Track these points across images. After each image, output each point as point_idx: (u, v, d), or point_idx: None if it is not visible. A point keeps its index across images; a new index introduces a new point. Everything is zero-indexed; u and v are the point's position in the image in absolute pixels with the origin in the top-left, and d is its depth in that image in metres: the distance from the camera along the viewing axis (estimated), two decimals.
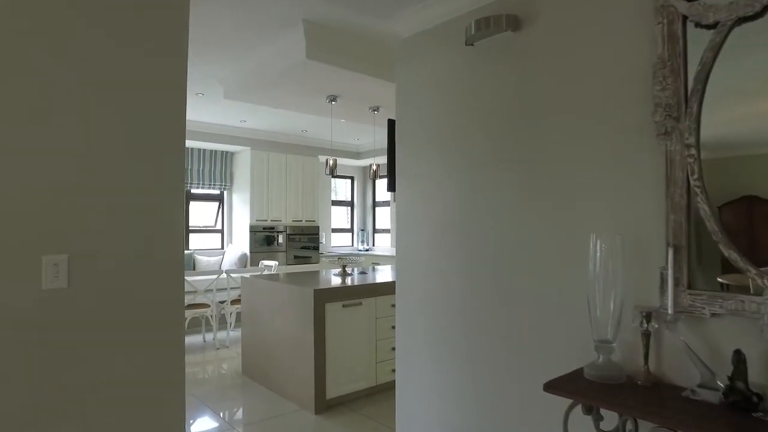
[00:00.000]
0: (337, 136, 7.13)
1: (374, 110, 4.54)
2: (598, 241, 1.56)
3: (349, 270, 4.42)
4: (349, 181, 8.71)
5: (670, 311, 1.43)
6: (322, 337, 3.26)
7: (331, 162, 4.27)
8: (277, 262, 5.88)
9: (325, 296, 3.30)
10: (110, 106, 1.57)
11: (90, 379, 1.52)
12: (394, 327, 3.80)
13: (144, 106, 1.64)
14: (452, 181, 2.17)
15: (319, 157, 7.51)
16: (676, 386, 1.44)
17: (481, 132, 2.06)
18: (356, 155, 7.91)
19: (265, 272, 5.51)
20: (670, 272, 1.43)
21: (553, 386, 1.49)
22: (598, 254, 1.56)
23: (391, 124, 2.75)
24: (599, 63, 1.66)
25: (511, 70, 1.96)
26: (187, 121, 5.10)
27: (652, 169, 1.52)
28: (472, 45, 2.10)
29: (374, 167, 4.71)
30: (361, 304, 3.51)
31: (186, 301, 4.81)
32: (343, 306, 3.40)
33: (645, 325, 1.48)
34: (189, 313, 4.82)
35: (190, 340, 5.34)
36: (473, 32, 2.05)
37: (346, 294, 3.42)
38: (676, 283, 1.43)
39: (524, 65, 1.91)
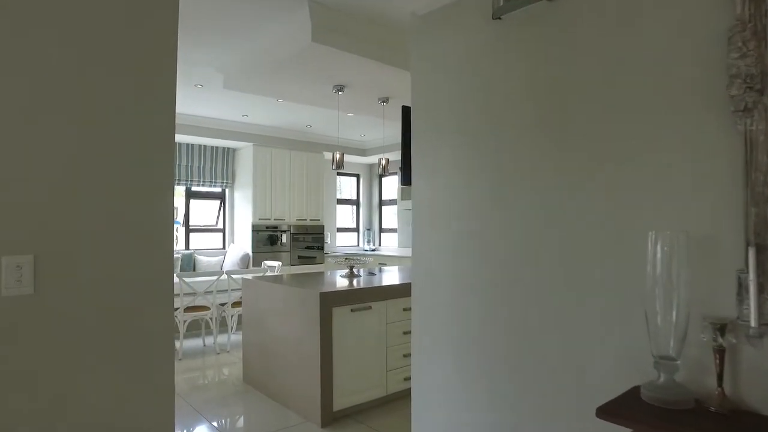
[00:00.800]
0: (342, 132, 6.89)
1: (383, 101, 4.30)
2: (659, 240, 1.31)
3: (356, 271, 4.19)
4: (354, 179, 8.48)
5: (753, 323, 1.19)
6: (328, 344, 3.03)
7: (337, 156, 4.03)
8: (280, 263, 5.65)
9: (332, 299, 3.06)
10: (87, 95, 1.34)
11: (58, 402, 1.29)
12: (406, 333, 3.57)
13: (126, 92, 1.41)
14: (478, 173, 1.93)
15: (324, 153, 7.28)
16: (760, 415, 1.19)
17: (512, 117, 1.82)
18: (362, 152, 7.68)
19: (268, 273, 5.28)
20: (752, 276, 1.19)
21: (607, 412, 1.25)
22: (658, 255, 1.31)
23: (406, 111, 2.51)
24: (658, 31, 1.42)
25: (546, 45, 1.71)
26: (186, 116, 4.89)
27: (727, 153, 1.27)
28: (500, 19, 1.86)
29: (383, 162, 4.48)
30: (370, 308, 3.27)
31: (185, 303, 4.59)
32: (352, 310, 3.17)
33: (718, 340, 1.23)
34: (188, 316, 4.60)
35: (189, 344, 5.12)
36: (501, 3, 1.81)
37: (354, 297, 3.18)
38: (761, 289, 1.19)
39: (562, 39, 1.66)
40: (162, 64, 1.49)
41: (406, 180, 2.49)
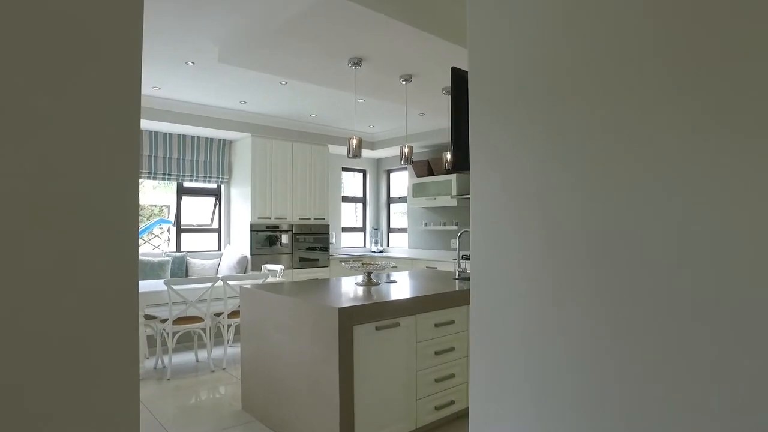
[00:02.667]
0: (347, 123, 6.30)
1: (406, 80, 3.71)
2: None
3: (374, 278, 3.60)
4: (360, 174, 7.88)
5: None
6: (349, 369, 2.44)
7: (354, 142, 3.43)
8: (282, 267, 5.06)
9: (353, 316, 2.47)
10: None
11: None
12: (439, 353, 3.00)
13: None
14: (570, 155, 1.34)
15: (330, 146, 6.68)
16: None
17: (629, 75, 1.23)
18: (370, 145, 7.09)
19: (269, 279, 4.68)
20: None
21: None
22: None
23: (457, 75, 1.93)
24: None
25: None
26: (177, 102, 4.23)
27: None
28: None
29: (406, 150, 3.88)
30: (398, 325, 2.68)
31: (175, 313, 4.00)
32: (377, 328, 2.58)
33: None
34: (179, 328, 4.00)
35: (180, 359, 4.51)
36: None
37: (379, 312, 2.60)
38: None
39: None
40: None
41: (458, 165, 1.91)
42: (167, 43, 3.39)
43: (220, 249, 6.31)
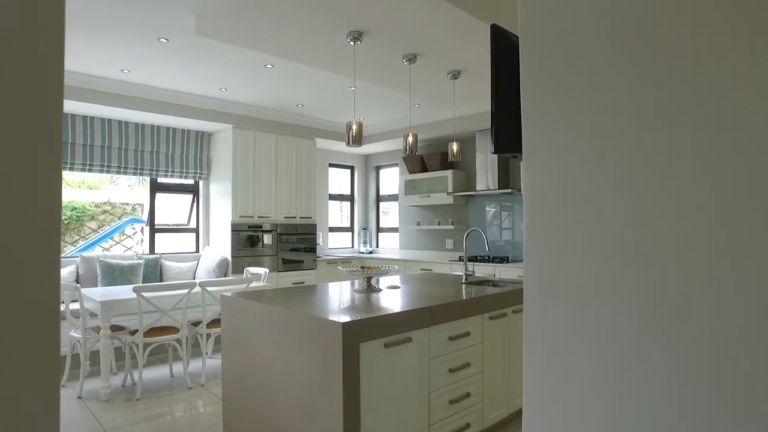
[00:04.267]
0: (336, 114, 5.88)
1: (410, 60, 3.31)
2: None
3: (375, 284, 3.21)
4: (348, 171, 7.47)
5: None
6: (355, 395, 2.04)
7: (354, 128, 3.01)
8: (266, 270, 4.61)
9: (359, 331, 2.07)
10: None
11: None
12: (453, 370, 2.62)
13: None
14: (679, 139, 0.96)
15: (317, 140, 6.25)
16: None
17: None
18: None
19: (253, 284, 4.24)
20: None
21: None
22: None
23: (498, 33, 1.54)
24: None
25: None
26: (149, 89, 3.66)
27: None
28: None
29: (410, 139, 3.47)
30: (410, 340, 2.29)
31: (147, 324, 3.53)
32: (386, 345, 2.18)
33: None
34: (151, 341, 3.53)
35: (152, 374, 4.03)
36: None
37: (388, 325, 2.20)
38: None
39: None
40: None
41: (500, 146, 1.52)
42: (137, 14, 2.93)
43: (197, 251, 5.83)
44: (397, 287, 3.13)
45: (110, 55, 3.74)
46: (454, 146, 3.75)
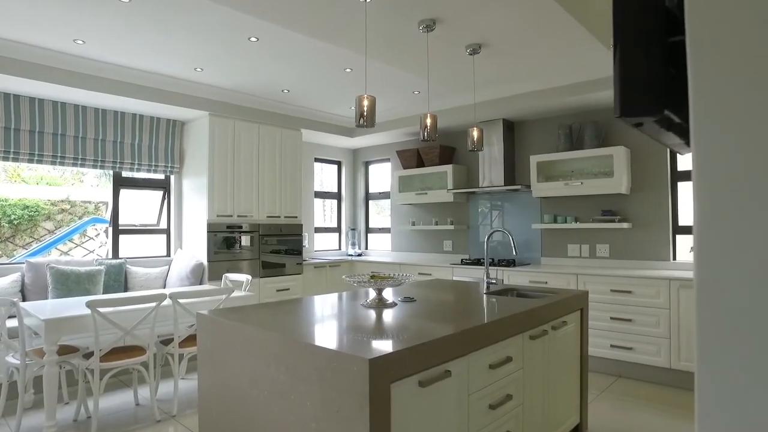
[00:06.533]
0: (325, 103, 5.31)
1: (428, 28, 2.78)
2: None
3: (386, 297, 2.67)
4: (335, 166, 6.89)
5: None
6: None
7: (366, 103, 2.44)
8: (249, 277, 4.02)
9: (390, 368, 1.53)
10: None
11: None
12: (493, 406, 2.11)
13: None
14: None
15: (303, 131, 5.67)
16: None
17: None
18: (348, 132, 6.12)
19: (235, 294, 3.65)
20: None
21: None
22: None
23: None
24: None
25: None
26: (110, 66, 2.31)
27: None
28: None
29: (428, 121, 2.91)
30: (449, 374, 1.76)
31: (106, 344, 2.92)
32: (420, 384, 1.65)
33: None
34: (110, 365, 2.90)
35: (113, 402, 3.39)
36: None
37: (423, 358, 1.67)
38: None
39: None
40: None
41: (626, 109, 1.01)
42: None
43: (169, 254, 5.18)
44: (411, 299, 2.60)
45: (59, 20, 3.10)
46: (475, 132, 3.21)
